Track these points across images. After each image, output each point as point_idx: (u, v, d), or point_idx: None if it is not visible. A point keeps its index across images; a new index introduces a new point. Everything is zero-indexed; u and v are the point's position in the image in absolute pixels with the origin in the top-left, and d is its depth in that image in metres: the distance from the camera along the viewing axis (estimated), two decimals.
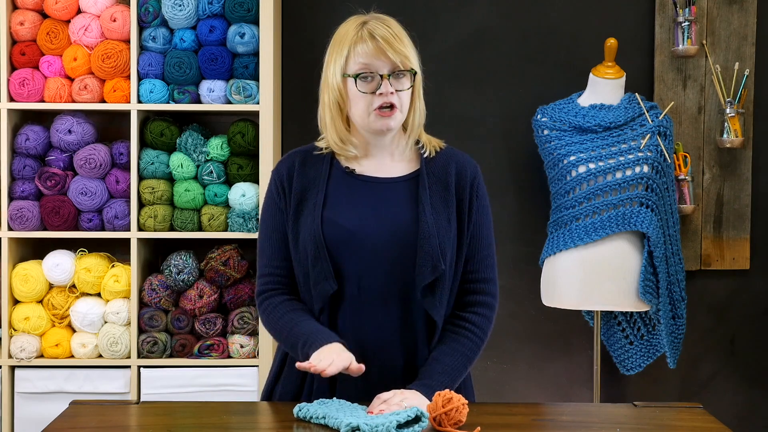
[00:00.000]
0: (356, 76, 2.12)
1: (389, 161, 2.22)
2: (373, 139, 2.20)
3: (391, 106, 2.13)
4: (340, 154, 2.22)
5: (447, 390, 1.97)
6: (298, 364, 2.00)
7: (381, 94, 2.11)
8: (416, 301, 2.14)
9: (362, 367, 2.02)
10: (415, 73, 2.15)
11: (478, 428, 1.92)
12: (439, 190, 2.18)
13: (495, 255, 2.26)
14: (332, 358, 2.00)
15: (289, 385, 2.21)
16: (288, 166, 2.22)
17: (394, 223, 2.13)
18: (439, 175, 2.20)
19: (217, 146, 3.46)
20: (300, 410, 2.02)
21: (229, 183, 3.48)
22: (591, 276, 3.40)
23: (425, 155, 2.22)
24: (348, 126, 2.21)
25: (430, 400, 2.03)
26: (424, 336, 2.17)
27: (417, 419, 1.95)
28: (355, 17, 2.20)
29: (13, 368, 3.46)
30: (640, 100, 3.52)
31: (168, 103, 3.45)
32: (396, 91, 2.12)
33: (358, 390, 2.12)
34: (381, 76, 2.11)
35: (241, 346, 3.44)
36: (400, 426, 1.91)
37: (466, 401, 1.96)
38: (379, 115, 2.13)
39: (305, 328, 2.12)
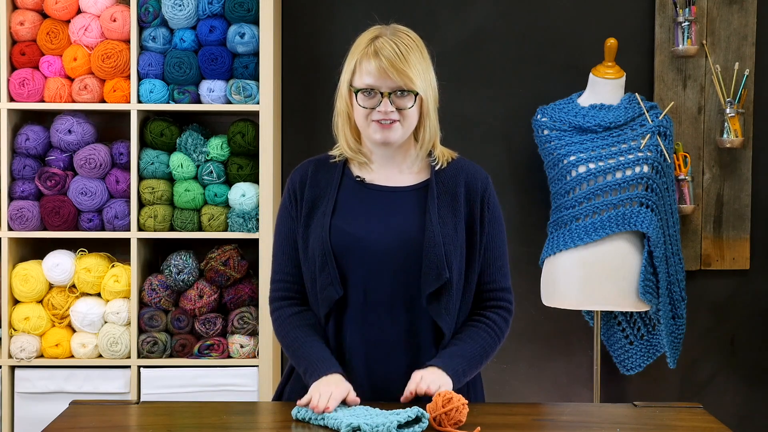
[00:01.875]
0: (358, 91, 2.16)
1: (398, 171, 2.25)
2: (378, 150, 2.23)
3: (392, 121, 2.16)
4: (353, 161, 2.26)
5: (447, 390, 1.98)
6: (299, 402, 2.04)
7: (380, 111, 2.14)
8: (422, 308, 2.16)
9: (358, 399, 2.06)
10: (417, 94, 2.16)
11: (478, 428, 1.92)
12: (448, 200, 2.20)
13: (508, 264, 2.29)
14: (330, 390, 2.03)
15: (297, 384, 2.23)
16: (301, 174, 2.27)
17: (400, 231, 2.16)
18: (448, 186, 2.22)
19: (217, 146, 3.46)
20: (298, 412, 2.02)
21: (229, 183, 3.48)
22: (591, 276, 3.40)
23: (436, 167, 2.24)
24: (357, 135, 2.25)
25: (449, 375, 2.09)
26: (429, 344, 2.18)
27: (417, 420, 1.95)
28: (374, 28, 2.21)
29: (13, 368, 3.46)
30: (640, 100, 3.52)
31: (168, 103, 3.45)
32: (398, 109, 2.15)
33: (363, 396, 2.13)
34: (382, 93, 2.14)
35: (241, 346, 3.44)
36: (400, 426, 1.91)
37: (466, 401, 1.96)
38: (378, 127, 2.16)
39: (309, 352, 2.16)
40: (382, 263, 2.14)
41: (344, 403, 2.05)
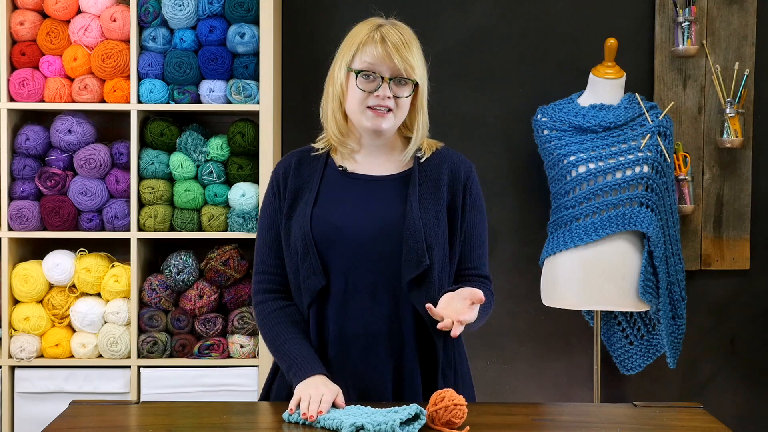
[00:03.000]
0: (358, 72, 2.16)
1: (383, 161, 2.26)
2: (368, 138, 2.23)
3: (387, 109, 2.17)
4: (338, 150, 2.27)
5: (446, 389, 1.98)
6: (290, 406, 2.04)
7: (378, 96, 2.15)
8: (404, 296, 2.16)
9: (344, 404, 2.05)
10: (416, 84, 2.18)
11: (467, 428, 1.93)
12: (430, 188, 2.21)
13: (487, 254, 2.29)
14: (321, 393, 2.03)
15: (285, 381, 2.23)
16: (285, 166, 2.28)
17: (381, 219, 2.17)
18: (431, 174, 2.23)
19: (217, 146, 3.46)
20: (290, 415, 2.02)
21: (229, 183, 3.48)
22: (591, 276, 3.40)
23: (421, 159, 2.25)
24: (347, 121, 2.25)
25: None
26: (411, 331, 2.18)
27: (416, 417, 1.95)
28: (372, 18, 2.24)
29: (13, 368, 3.46)
30: (640, 100, 3.52)
31: (168, 103, 3.45)
32: (395, 97, 2.16)
33: (346, 385, 2.15)
34: (382, 78, 2.15)
35: (241, 346, 3.44)
36: (401, 423, 1.91)
37: (465, 402, 1.96)
38: (373, 114, 2.17)
39: (293, 350, 2.16)
40: (363, 251, 2.15)
41: (333, 405, 2.05)
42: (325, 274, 2.16)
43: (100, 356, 3.47)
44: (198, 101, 3.47)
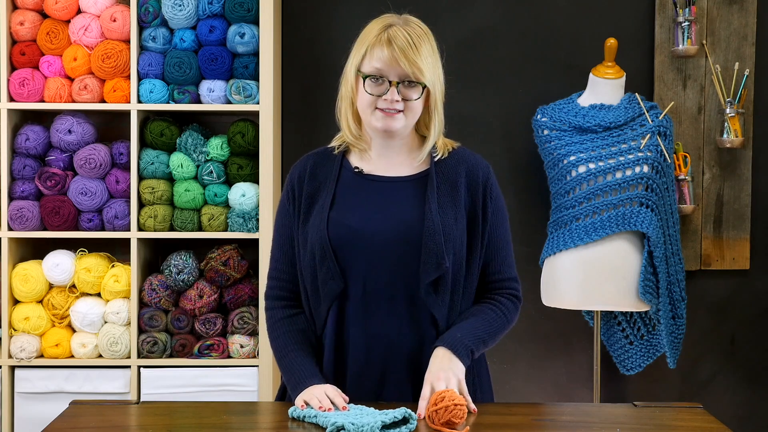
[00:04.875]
0: (366, 76, 2.14)
1: (398, 162, 2.24)
2: (378, 138, 2.22)
3: (396, 110, 2.15)
4: (353, 149, 2.26)
5: (445, 389, 1.97)
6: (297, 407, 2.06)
7: (386, 99, 2.13)
8: (422, 299, 2.15)
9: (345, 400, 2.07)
10: (425, 86, 2.15)
11: (467, 428, 1.93)
12: (448, 189, 2.19)
13: (513, 254, 2.29)
14: (323, 390, 2.06)
15: None
16: (300, 170, 2.27)
17: (399, 221, 2.15)
18: (448, 176, 2.21)
19: (217, 146, 3.46)
20: (294, 410, 2.02)
21: (229, 183, 3.49)
22: (591, 276, 3.40)
23: (436, 158, 2.23)
24: (359, 121, 2.24)
25: (458, 353, 2.10)
26: (430, 335, 2.17)
27: (405, 420, 1.94)
28: (385, 16, 2.21)
29: (13, 368, 3.46)
30: (640, 100, 3.52)
31: (168, 103, 3.45)
32: (404, 99, 2.14)
33: (365, 388, 2.14)
34: (390, 82, 2.13)
35: (241, 346, 3.44)
36: (387, 426, 1.91)
37: (464, 402, 1.96)
38: (381, 115, 2.15)
39: (293, 364, 2.16)
40: (382, 254, 2.13)
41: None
42: (343, 277, 2.15)
43: (100, 356, 3.47)
44: (198, 101, 3.47)
